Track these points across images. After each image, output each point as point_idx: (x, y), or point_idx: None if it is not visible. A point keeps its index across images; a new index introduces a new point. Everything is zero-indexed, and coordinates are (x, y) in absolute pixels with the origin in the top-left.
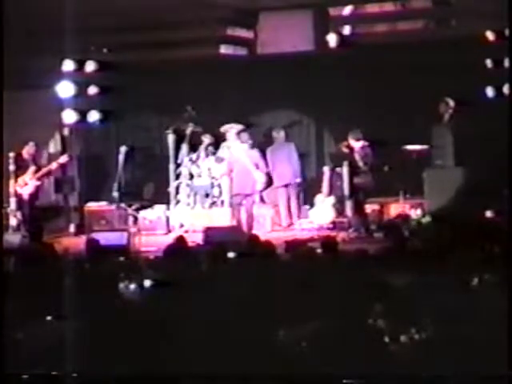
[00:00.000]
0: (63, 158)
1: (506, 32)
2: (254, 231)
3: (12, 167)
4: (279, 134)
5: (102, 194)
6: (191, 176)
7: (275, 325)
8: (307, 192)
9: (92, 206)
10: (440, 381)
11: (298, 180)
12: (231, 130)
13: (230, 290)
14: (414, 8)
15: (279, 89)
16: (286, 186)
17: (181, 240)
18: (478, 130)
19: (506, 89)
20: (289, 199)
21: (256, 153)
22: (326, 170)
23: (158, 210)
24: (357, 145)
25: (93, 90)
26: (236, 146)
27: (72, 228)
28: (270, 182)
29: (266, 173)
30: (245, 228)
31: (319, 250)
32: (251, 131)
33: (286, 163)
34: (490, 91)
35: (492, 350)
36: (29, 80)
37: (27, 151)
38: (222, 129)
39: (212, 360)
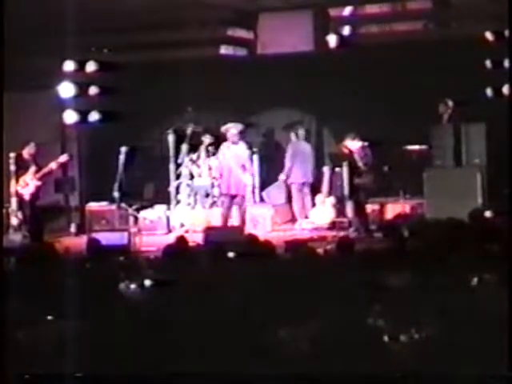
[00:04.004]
0: (63, 158)
1: (506, 33)
2: (254, 231)
3: (13, 167)
4: (300, 133)
5: (102, 193)
6: (191, 176)
7: (275, 324)
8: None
9: (93, 205)
10: (440, 381)
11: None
12: (231, 129)
13: (229, 289)
14: (413, 9)
15: (279, 89)
16: (304, 183)
17: (181, 240)
18: (478, 131)
19: (505, 89)
20: (304, 196)
21: (244, 154)
22: (326, 170)
23: (159, 210)
24: (355, 146)
25: (93, 90)
26: (224, 147)
27: (73, 228)
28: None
29: (252, 173)
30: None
31: (319, 250)
32: (251, 131)
33: (305, 161)
34: (489, 92)
35: (492, 350)
36: (29, 80)
37: (28, 151)
38: (222, 129)
39: (212, 360)
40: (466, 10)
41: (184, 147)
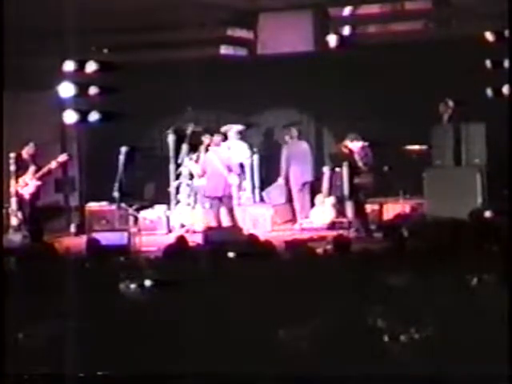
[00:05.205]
0: (62, 157)
1: (506, 33)
2: (254, 231)
3: (12, 167)
4: (293, 132)
5: (102, 194)
6: (191, 176)
7: (275, 324)
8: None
9: (93, 205)
10: (440, 381)
11: (312, 178)
12: (231, 129)
13: (229, 289)
14: (413, 9)
15: (279, 89)
16: (304, 183)
17: (181, 240)
18: (478, 131)
19: (505, 89)
20: (304, 196)
21: (229, 155)
22: (326, 170)
23: (159, 210)
24: (355, 146)
25: (93, 90)
26: (210, 149)
27: (73, 228)
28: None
29: (238, 174)
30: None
31: (319, 250)
32: (251, 131)
33: (304, 161)
34: (489, 92)
35: (492, 349)
36: (29, 80)
37: (27, 151)
38: (223, 129)
39: (212, 359)
40: (466, 9)
41: (184, 147)
